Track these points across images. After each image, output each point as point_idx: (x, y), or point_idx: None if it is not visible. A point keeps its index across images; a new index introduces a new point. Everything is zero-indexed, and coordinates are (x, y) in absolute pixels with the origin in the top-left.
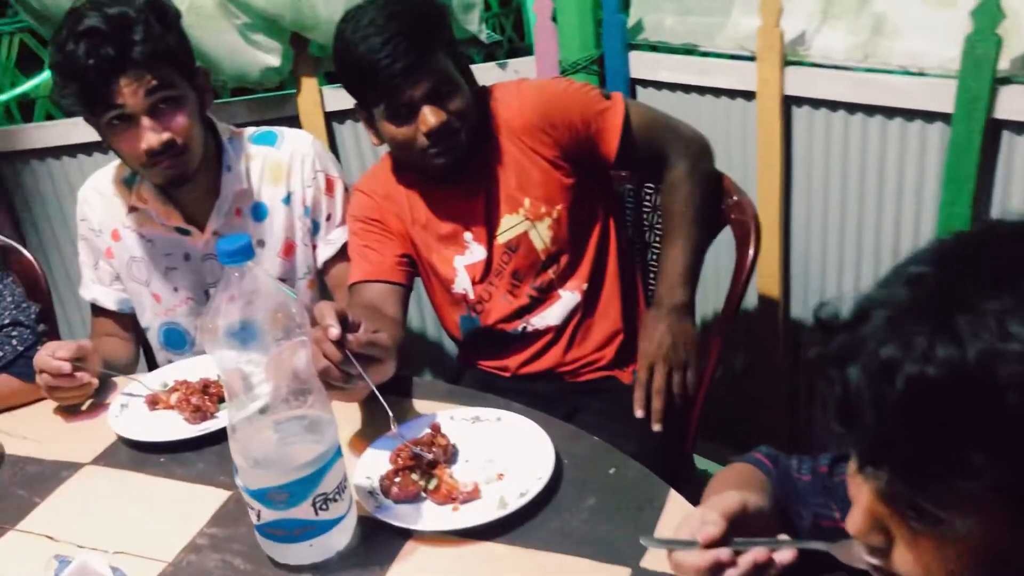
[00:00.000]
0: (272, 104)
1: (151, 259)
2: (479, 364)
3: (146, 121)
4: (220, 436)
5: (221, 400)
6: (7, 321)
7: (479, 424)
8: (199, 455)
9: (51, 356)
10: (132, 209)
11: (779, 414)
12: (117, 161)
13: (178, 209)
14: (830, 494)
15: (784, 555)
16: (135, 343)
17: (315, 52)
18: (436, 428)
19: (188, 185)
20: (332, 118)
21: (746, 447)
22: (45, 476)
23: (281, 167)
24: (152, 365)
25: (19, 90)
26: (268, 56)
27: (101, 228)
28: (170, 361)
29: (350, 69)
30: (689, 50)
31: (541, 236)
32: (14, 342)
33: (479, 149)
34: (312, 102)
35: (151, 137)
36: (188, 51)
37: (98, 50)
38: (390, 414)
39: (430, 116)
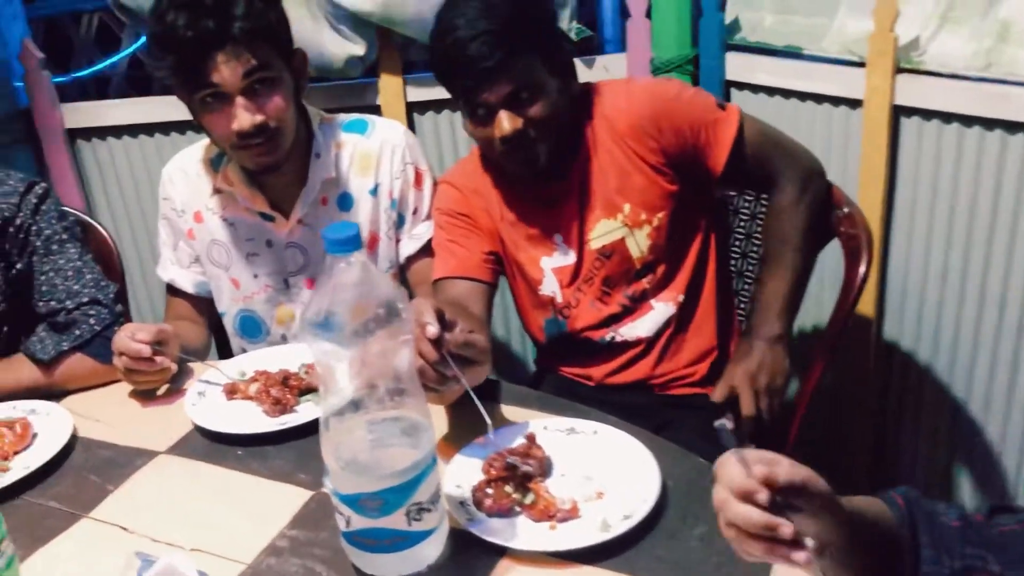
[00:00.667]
0: (353, 92)
1: (232, 243)
2: (560, 369)
3: (240, 100)
4: (300, 431)
5: (302, 393)
6: (86, 299)
7: (574, 436)
8: (278, 450)
9: (131, 338)
10: (216, 191)
11: (864, 438)
12: (204, 141)
13: (264, 194)
14: (987, 546)
15: (800, 556)
16: (208, 328)
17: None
18: (532, 438)
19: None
20: (413, 109)
21: (828, 471)
22: (118, 463)
23: (370, 157)
24: (224, 352)
25: (96, 67)
26: (353, 45)
27: (184, 208)
28: (244, 350)
29: (438, 58)
30: (790, 52)
31: (638, 244)
32: (92, 321)
33: (577, 149)
34: (394, 92)
35: (244, 118)
36: (287, 31)
37: (197, 22)
38: (488, 421)
39: (505, 122)
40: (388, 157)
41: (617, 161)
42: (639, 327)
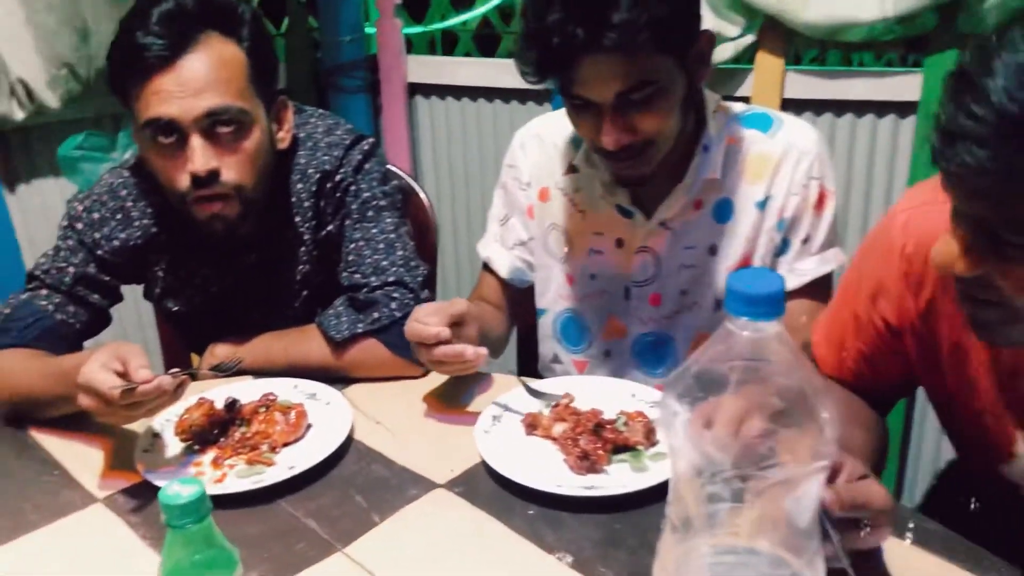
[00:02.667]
0: (719, 78)
1: (576, 233)
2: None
3: (610, 117)
4: (608, 504)
5: (616, 450)
6: (391, 279)
7: None
8: (578, 522)
9: (419, 322)
10: (572, 169)
11: None
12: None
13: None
14: None
15: None
16: (510, 323)
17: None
18: None
19: None
20: (788, 106)
21: None
22: (390, 487)
23: (768, 162)
24: (526, 358)
25: (446, 23)
26: (728, 25)
27: (530, 181)
28: (556, 356)
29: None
30: None
31: None
32: (393, 305)
33: None
34: (770, 83)
35: (610, 137)
36: (688, 16)
37: (565, 25)
38: None
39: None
40: (791, 166)
41: None
42: None
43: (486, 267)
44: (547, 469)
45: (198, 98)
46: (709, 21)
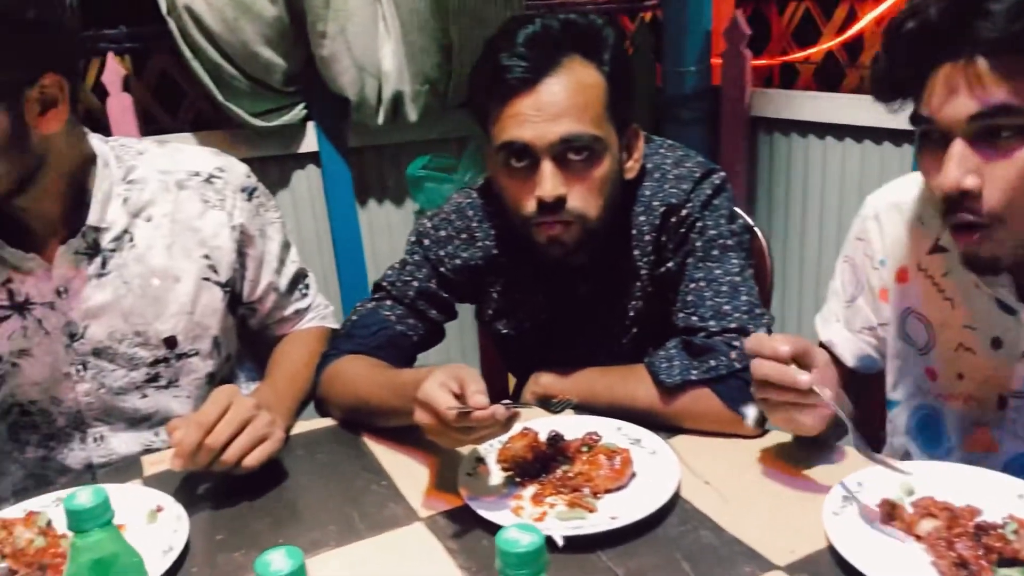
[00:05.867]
0: None
1: (941, 325)
2: None
3: (957, 148)
4: None
5: (1003, 563)
6: (732, 325)
7: None
8: None
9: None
10: (939, 248)
11: None
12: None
13: (1014, 274)
14: None
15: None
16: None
17: None
18: None
19: None
20: None
21: None
22: (720, 558)
23: None
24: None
25: (789, 57)
26: None
27: (885, 259)
28: (907, 454)
29: None
30: None
31: None
32: (733, 355)
33: None
34: None
35: (946, 177)
36: None
37: (924, 11)
38: None
39: None
40: None
41: None
42: None
43: (823, 347)
44: (909, 571)
45: (554, 123)
46: None
